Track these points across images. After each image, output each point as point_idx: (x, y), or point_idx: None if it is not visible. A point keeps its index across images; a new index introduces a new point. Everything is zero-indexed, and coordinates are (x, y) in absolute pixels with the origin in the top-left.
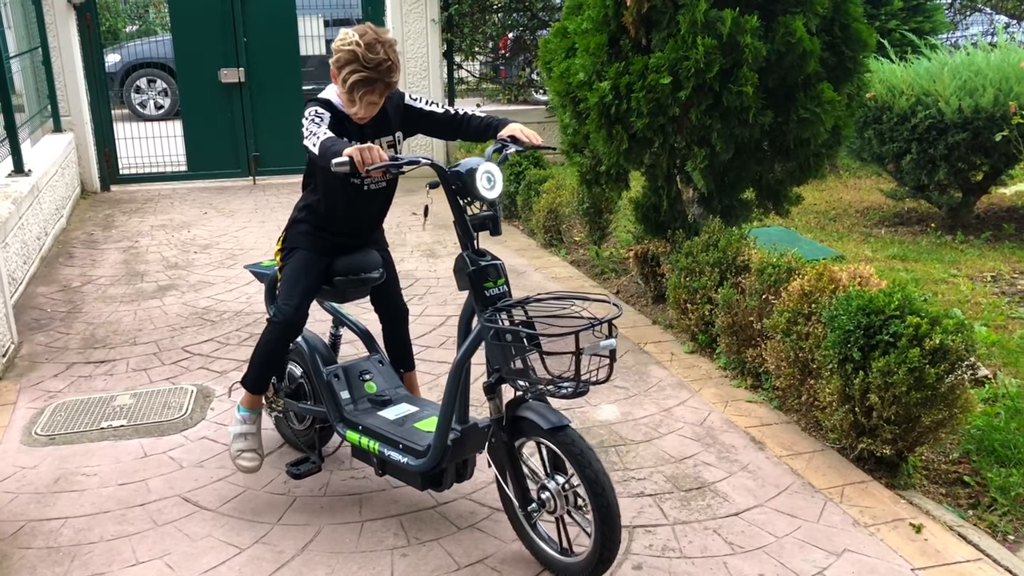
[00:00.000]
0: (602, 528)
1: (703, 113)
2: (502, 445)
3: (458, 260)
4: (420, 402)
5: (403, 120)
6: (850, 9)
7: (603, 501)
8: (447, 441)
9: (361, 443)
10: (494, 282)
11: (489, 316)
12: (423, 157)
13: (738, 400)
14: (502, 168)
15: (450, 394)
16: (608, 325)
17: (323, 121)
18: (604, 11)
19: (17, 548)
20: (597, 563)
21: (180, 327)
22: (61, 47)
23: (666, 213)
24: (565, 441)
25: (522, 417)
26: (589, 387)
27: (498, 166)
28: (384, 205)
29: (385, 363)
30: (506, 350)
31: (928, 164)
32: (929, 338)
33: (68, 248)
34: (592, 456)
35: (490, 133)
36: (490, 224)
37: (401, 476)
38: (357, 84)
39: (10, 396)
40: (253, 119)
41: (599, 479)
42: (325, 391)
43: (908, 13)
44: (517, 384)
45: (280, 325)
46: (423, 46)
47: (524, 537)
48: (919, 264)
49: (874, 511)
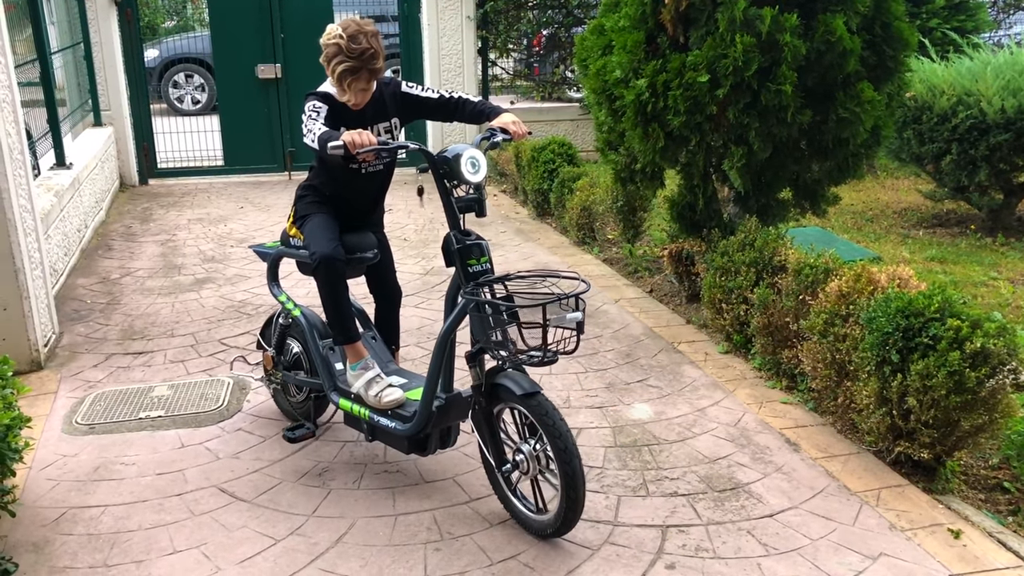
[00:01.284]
0: (567, 491)
1: (741, 112)
2: (481, 410)
3: (445, 239)
4: (409, 375)
5: (400, 107)
6: (892, 7)
7: (568, 467)
8: (432, 408)
9: (353, 410)
10: (477, 259)
11: (471, 290)
12: (412, 142)
13: (773, 401)
14: (488, 155)
15: (435, 364)
16: (575, 299)
17: (319, 115)
18: (642, 8)
19: (59, 534)
20: (562, 522)
21: (217, 320)
22: (102, 42)
23: (702, 212)
24: (536, 407)
25: (499, 384)
26: (557, 356)
27: (485, 153)
28: (381, 187)
29: (378, 339)
30: (485, 321)
31: (969, 165)
32: (970, 341)
33: (107, 240)
34: (561, 423)
35: (483, 118)
36: (475, 206)
37: (389, 440)
38: (344, 73)
39: (51, 385)
40: (289, 115)
41: (566, 445)
42: (321, 363)
43: (950, 11)
44: (495, 354)
45: (323, 262)
46: (458, 43)
47: (502, 497)
48: (958, 266)
49: (911, 515)
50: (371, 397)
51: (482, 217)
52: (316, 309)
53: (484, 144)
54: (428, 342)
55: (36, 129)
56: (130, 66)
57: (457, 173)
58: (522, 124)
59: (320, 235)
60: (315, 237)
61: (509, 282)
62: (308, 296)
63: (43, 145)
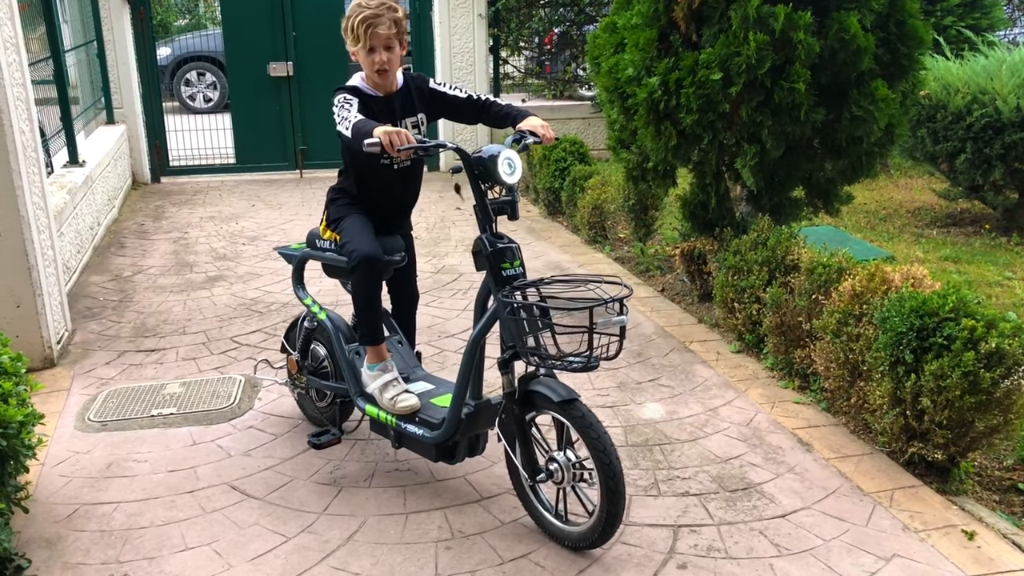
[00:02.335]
0: (608, 502)
1: (753, 110)
2: (514, 417)
3: (476, 242)
4: (436, 380)
5: (428, 103)
6: (906, 5)
7: (610, 473)
8: (460, 415)
9: (380, 416)
10: (510, 263)
11: (505, 294)
12: (448, 141)
13: (785, 401)
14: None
15: (465, 370)
16: (619, 303)
17: (352, 106)
18: (654, 6)
19: (72, 531)
20: (601, 533)
21: (228, 317)
22: (115, 40)
23: (714, 211)
24: (575, 414)
25: (534, 391)
26: (599, 362)
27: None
28: (413, 184)
29: (404, 343)
30: (520, 326)
31: (983, 164)
32: (985, 341)
33: (120, 238)
34: (600, 429)
35: (509, 122)
36: (508, 209)
37: (416, 448)
38: (365, 22)
39: (64, 382)
40: (301, 113)
41: (607, 451)
42: (347, 367)
43: (965, 9)
44: (530, 359)
45: (362, 262)
46: (469, 41)
47: (529, 507)
48: (972, 266)
49: (925, 516)
50: (386, 400)
51: (514, 220)
52: (342, 313)
53: (515, 146)
54: (439, 340)
55: (49, 127)
56: (143, 64)
57: (493, 174)
58: (550, 128)
59: (359, 235)
60: (354, 237)
61: (543, 286)
62: (335, 303)
63: (56, 143)
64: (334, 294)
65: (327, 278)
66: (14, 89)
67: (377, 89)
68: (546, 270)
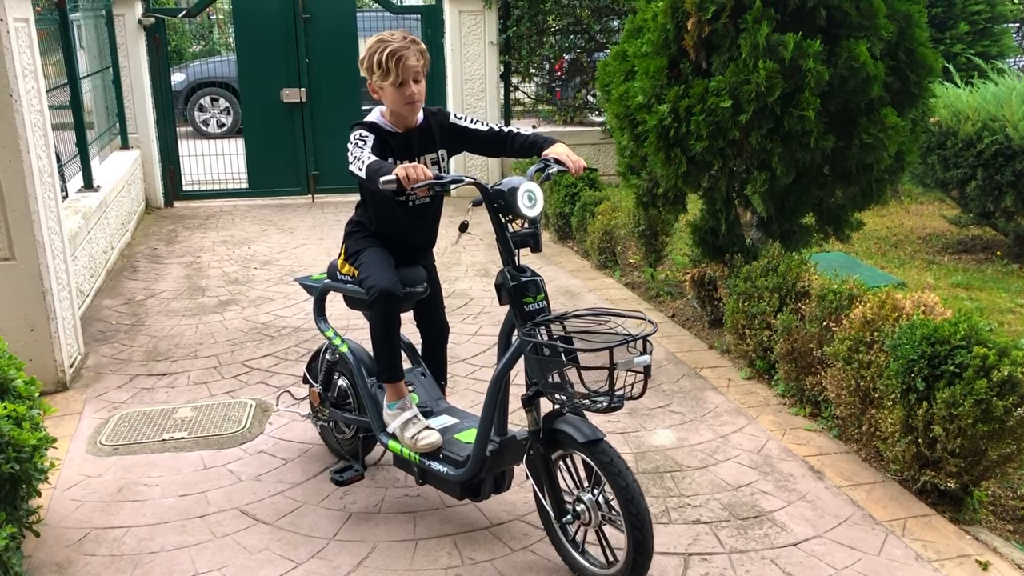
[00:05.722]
0: (635, 537)
1: (763, 137)
2: (539, 457)
3: (499, 275)
4: (461, 414)
5: (449, 138)
6: (915, 34)
7: (635, 511)
8: (486, 452)
9: (403, 453)
10: (533, 297)
11: (528, 330)
12: (466, 175)
13: (796, 428)
14: (544, 187)
15: (489, 406)
16: (643, 341)
17: (367, 144)
18: (664, 35)
19: (82, 555)
20: (631, 574)
21: (240, 342)
22: (131, 67)
23: (724, 237)
24: (599, 454)
25: (558, 430)
26: (624, 402)
27: (540, 184)
28: (432, 222)
29: (428, 376)
30: (544, 364)
31: (994, 191)
32: (997, 369)
33: (133, 262)
34: (625, 469)
35: (535, 151)
36: (531, 241)
37: (440, 485)
38: (394, 55)
39: (76, 406)
40: (313, 138)
41: (631, 491)
42: (369, 401)
43: (974, 37)
44: (554, 397)
45: (381, 297)
46: (481, 67)
47: (561, 549)
48: (984, 293)
49: (938, 546)
50: (407, 439)
51: (537, 252)
52: (365, 345)
53: (538, 176)
54: (452, 366)
55: (65, 152)
56: (157, 90)
57: (513, 207)
58: (579, 159)
59: (377, 269)
60: (372, 271)
61: (568, 321)
62: (357, 335)
63: (71, 167)
64: (346, 318)
65: (342, 299)
66: (31, 116)
67: (397, 125)
68: (557, 295)
